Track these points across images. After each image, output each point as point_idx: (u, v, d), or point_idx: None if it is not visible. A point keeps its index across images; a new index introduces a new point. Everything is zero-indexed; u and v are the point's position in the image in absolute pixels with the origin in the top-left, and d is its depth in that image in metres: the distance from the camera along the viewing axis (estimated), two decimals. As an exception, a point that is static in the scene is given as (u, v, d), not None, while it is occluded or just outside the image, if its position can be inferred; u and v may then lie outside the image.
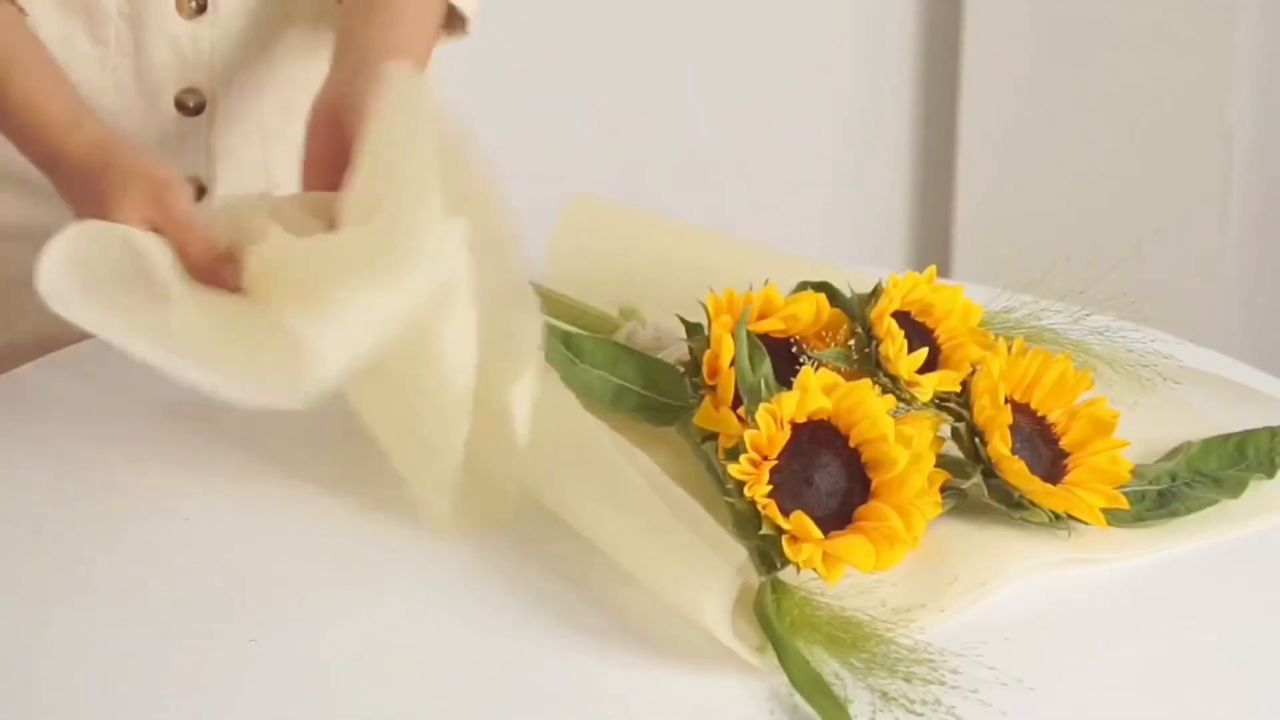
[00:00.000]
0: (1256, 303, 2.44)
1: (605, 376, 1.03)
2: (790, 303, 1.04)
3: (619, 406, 1.03)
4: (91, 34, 1.20)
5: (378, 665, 0.90)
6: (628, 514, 0.93)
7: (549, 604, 0.94)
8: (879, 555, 0.91)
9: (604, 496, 0.95)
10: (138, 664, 0.90)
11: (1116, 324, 1.15)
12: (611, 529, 0.94)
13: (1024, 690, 0.87)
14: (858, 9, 2.54)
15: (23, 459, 1.09)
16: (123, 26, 1.20)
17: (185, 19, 1.20)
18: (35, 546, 1.00)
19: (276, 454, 1.08)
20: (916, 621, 0.90)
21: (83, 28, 1.20)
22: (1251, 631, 0.94)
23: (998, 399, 0.99)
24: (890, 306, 1.03)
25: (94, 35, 1.20)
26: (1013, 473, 0.98)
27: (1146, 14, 2.40)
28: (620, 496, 0.94)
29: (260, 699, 0.88)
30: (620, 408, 1.03)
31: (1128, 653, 0.92)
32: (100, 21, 1.20)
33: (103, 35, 1.20)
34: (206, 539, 1.00)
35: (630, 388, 1.03)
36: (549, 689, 0.88)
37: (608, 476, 0.95)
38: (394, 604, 0.95)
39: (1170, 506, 1.02)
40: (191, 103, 1.24)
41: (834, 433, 0.94)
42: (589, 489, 0.96)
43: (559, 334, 1.02)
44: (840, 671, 0.87)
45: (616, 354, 1.04)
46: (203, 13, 1.21)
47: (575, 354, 1.02)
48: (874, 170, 2.62)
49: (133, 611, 0.94)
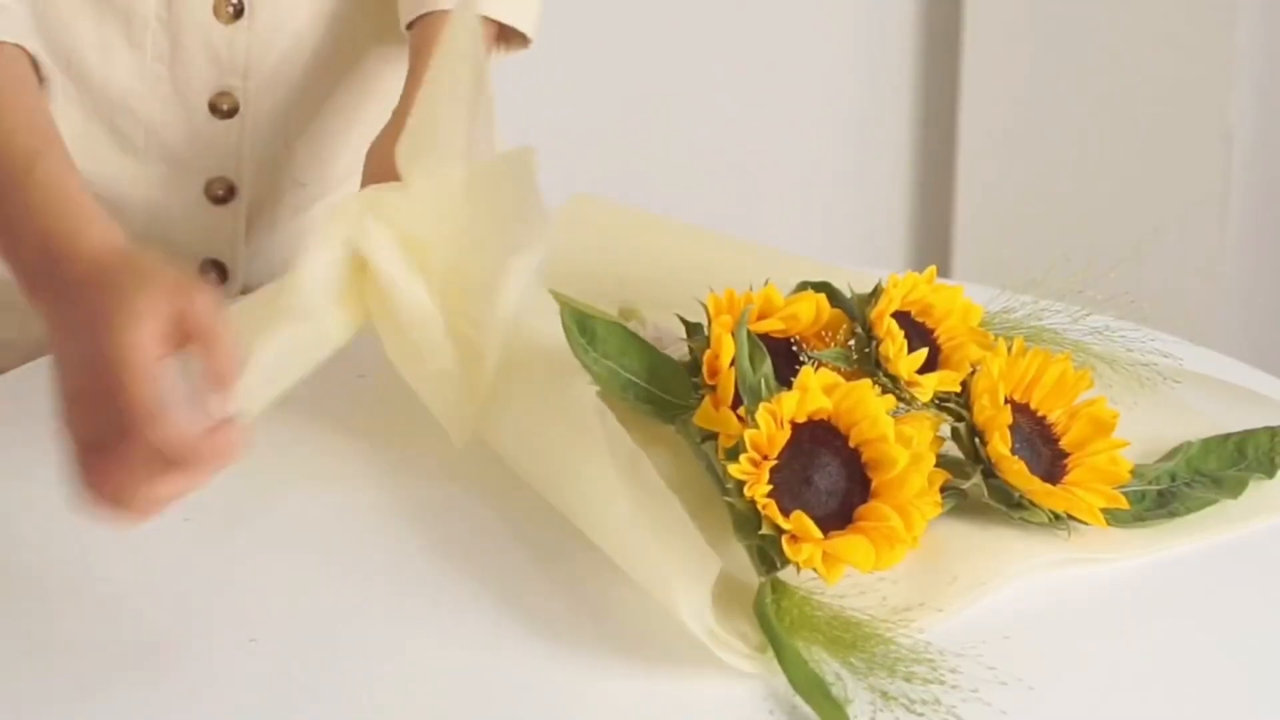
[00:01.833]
0: (1256, 303, 2.44)
1: (614, 367, 1.03)
2: (790, 303, 1.04)
3: (624, 398, 1.03)
4: (128, 39, 1.20)
5: (377, 666, 0.90)
6: (612, 505, 0.94)
7: (550, 606, 0.94)
8: (879, 555, 0.91)
9: (593, 484, 0.95)
10: (138, 664, 0.90)
11: (1116, 324, 1.15)
12: (596, 518, 0.95)
13: (1024, 690, 0.87)
14: (858, 9, 2.54)
15: (23, 459, 1.09)
16: (159, 31, 1.20)
17: (223, 24, 1.20)
18: (35, 546, 1.00)
19: (276, 454, 1.08)
20: (916, 621, 0.90)
21: (119, 33, 1.20)
22: (1251, 631, 0.94)
23: (997, 399, 0.99)
24: (890, 306, 1.03)
25: (131, 40, 1.20)
26: (1012, 473, 0.98)
27: (1146, 14, 2.40)
28: (608, 488, 0.94)
29: (260, 699, 0.88)
30: (624, 399, 1.03)
31: (1127, 652, 0.92)
32: (137, 27, 1.20)
33: (139, 40, 1.20)
34: (206, 539, 1.00)
35: (636, 381, 1.03)
36: (550, 691, 0.88)
37: (599, 465, 0.95)
38: (394, 605, 0.95)
39: (1170, 506, 1.02)
40: (225, 106, 1.24)
41: (834, 433, 0.94)
42: (578, 473, 0.97)
43: (574, 316, 1.02)
44: (840, 671, 0.87)
45: (625, 344, 1.04)
46: (240, 17, 1.21)
47: (589, 340, 1.02)
48: (874, 170, 2.62)
49: (132, 611, 0.94)
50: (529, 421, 1.02)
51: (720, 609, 0.91)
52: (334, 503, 1.04)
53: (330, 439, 1.09)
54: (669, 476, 1.02)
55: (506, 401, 1.03)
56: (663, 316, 1.11)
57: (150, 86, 1.21)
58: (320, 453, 1.08)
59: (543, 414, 1.01)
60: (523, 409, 1.02)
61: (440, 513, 1.02)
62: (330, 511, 1.03)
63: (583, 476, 0.96)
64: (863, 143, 2.60)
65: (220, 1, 1.20)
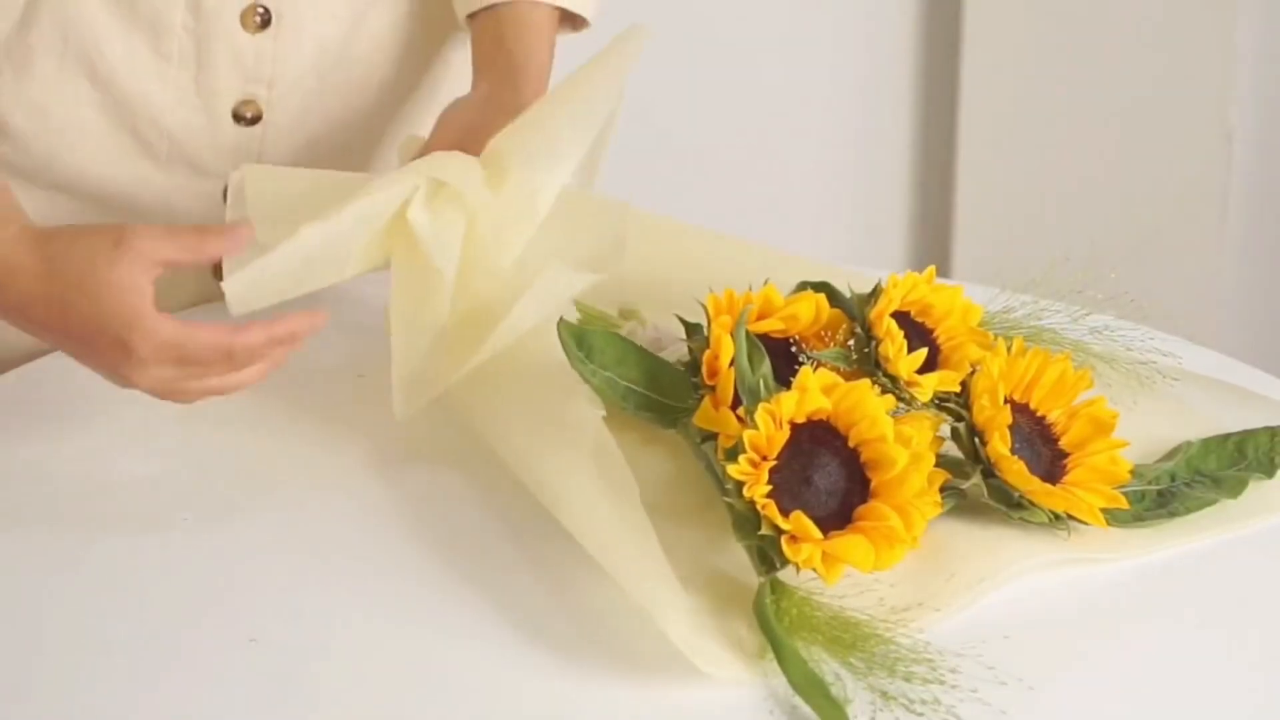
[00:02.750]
0: (1256, 303, 2.44)
1: (612, 377, 1.03)
2: (790, 303, 1.04)
3: (624, 405, 1.03)
4: (155, 49, 1.20)
5: (377, 666, 0.90)
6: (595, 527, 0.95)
7: (550, 608, 0.94)
8: (878, 555, 0.91)
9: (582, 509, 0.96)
10: (138, 663, 0.90)
11: (1116, 324, 1.15)
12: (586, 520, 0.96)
13: (1024, 689, 0.87)
14: (858, 9, 2.54)
15: (24, 458, 1.09)
16: (186, 41, 1.20)
17: (250, 33, 1.21)
18: (36, 546, 1.00)
19: (276, 454, 1.08)
20: (915, 620, 0.90)
21: (145, 42, 1.20)
22: (1251, 631, 0.94)
23: (997, 399, 0.99)
24: (890, 306, 1.03)
25: (157, 50, 1.20)
26: (1012, 473, 0.98)
27: (1146, 14, 2.40)
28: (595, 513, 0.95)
29: (260, 699, 0.88)
30: (625, 407, 1.03)
31: (1127, 652, 0.92)
32: (165, 36, 1.20)
33: (166, 50, 1.21)
34: (206, 539, 1.00)
35: (634, 389, 1.03)
36: (550, 693, 0.88)
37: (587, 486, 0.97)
38: (395, 605, 0.95)
39: (1170, 506, 1.02)
40: (248, 114, 1.24)
41: (833, 433, 0.94)
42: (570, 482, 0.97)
43: (571, 330, 1.02)
44: (840, 671, 0.87)
45: (623, 353, 1.04)
46: (267, 26, 1.21)
47: (586, 352, 1.02)
48: (874, 170, 2.62)
49: (133, 611, 0.94)
50: (527, 426, 1.02)
51: (718, 610, 0.91)
52: (334, 503, 1.04)
53: (330, 439, 1.09)
54: (669, 476, 1.02)
55: (509, 410, 1.03)
56: (663, 317, 1.11)
57: (175, 95, 1.22)
58: (321, 452, 1.08)
59: (542, 427, 1.01)
60: (523, 417, 1.03)
61: (441, 513, 1.02)
62: (331, 511, 1.03)
63: (571, 493, 0.96)
64: (863, 143, 2.60)
65: (248, 11, 1.20)
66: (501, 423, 1.04)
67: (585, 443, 0.98)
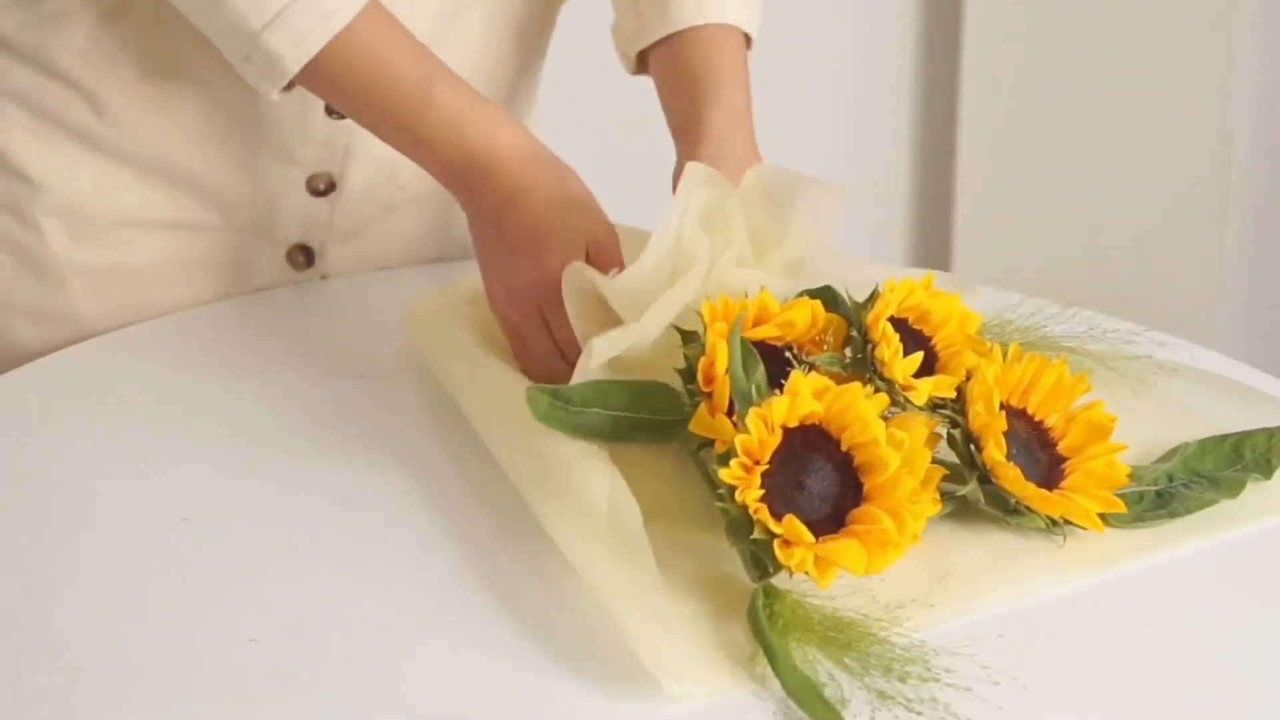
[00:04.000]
0: (1256, 303, 2.44)
1: (598, 412, 1.02)
2: (786, 309, 1.03)
3: (618, 436, 1.03)
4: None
5: (377, 666, 0.90)
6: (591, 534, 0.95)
7: (551, 611, 0.94)
8: (871, 558, 0.91)
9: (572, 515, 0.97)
10: (137, 663, 0.90)
11: (1116, 324, 1.15)
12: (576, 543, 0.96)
13: (1018, 689, 0.87)
14: (858, 9, 2.54)
15: (24, 459, 1.09)
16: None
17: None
18: (36, 545, 1.00)
19: (277, 454, 1.09)
20: (910, 619, 0.90)
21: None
22: (1250, 631, 0.94)
23: (992, 405, 0.99)
24: (886, 310, 1.03)
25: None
26: (1008, 479, 0.98)
27: (1146, 14, 2.40)
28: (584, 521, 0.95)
29: (260, 699, 0.88)
30: (620, 437, 1.03)
31: (1125, 652, 0.92)
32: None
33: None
34: (206, 539, 1.00)
35: (625, 415, 1.03)
36: (551, 695, 0.88)
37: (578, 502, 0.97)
38: (395, 605, 0.95)
39: (1168, 507, 1.02)
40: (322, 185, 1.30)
41: (825, 436, 0.94)
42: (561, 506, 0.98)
43: (546, 392, 1.02)
44: (835, 673, 0.87)
45: (604, 388, 1.03)
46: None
47: (564, 402, 1.02)
48: (874, 170, 2.62)
49: (133, 611, 0.94)
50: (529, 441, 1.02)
51: (718, 614, 0.91)
52: (334, 503, 1.04)
53: (330, 439, 1.10)
54: (668, 480, 1.02)
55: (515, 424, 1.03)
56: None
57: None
58: (320, 452, 1.08)
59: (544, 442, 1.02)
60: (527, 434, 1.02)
61: (441, 513, 1.02)
62: (331, 512, 1.03)
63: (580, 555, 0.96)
64: (863, 143, 2.60)
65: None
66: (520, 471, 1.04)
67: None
